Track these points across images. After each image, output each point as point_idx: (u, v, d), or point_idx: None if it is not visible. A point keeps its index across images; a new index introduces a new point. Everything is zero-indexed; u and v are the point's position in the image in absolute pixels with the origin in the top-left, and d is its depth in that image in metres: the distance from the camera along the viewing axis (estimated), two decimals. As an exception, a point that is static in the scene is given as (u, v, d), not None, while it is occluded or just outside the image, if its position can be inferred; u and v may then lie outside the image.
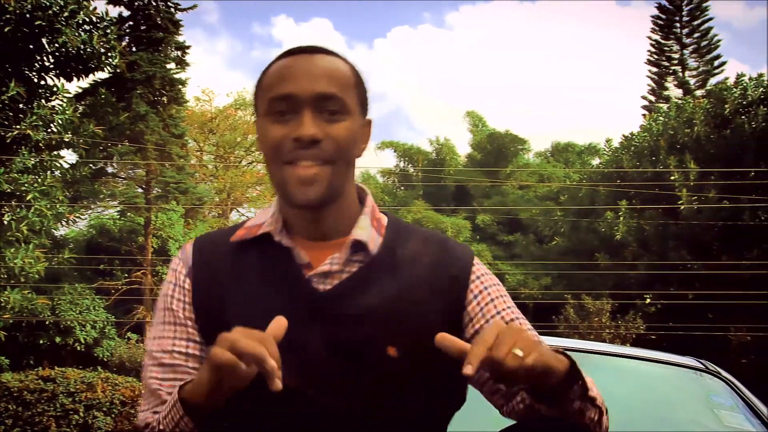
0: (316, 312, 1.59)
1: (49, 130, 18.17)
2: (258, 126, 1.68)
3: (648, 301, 26.52)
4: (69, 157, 25.53)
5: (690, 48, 47.05)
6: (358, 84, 1.67)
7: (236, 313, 1.60)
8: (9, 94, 16.81)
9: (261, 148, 1.67)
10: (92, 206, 33.07)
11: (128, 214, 32.12)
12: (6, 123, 17.49)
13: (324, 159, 1.58)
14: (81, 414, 15.61)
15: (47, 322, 24.94)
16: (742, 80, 27.75)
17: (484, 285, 1.71)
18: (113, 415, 16.08)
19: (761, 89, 26.63)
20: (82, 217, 32.72)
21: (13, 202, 17.60)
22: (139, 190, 30.80)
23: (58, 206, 18.37)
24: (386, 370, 1.57)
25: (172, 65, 29.47)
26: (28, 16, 16.89)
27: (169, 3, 29.22)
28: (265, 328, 1.43)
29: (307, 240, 1.67)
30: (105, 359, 26.00)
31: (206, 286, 1.67)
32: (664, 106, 36.02)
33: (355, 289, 1.61)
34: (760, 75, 27.41)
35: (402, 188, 51.08)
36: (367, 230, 1.67)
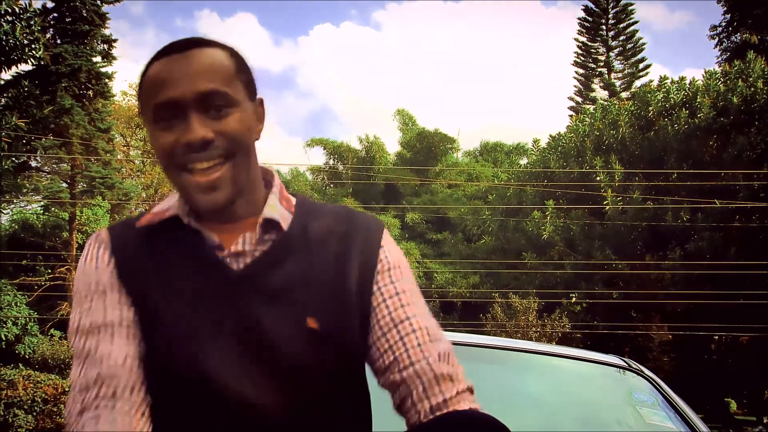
0: (231, 292, 1.55)
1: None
2: (149, 133, 1.60)
3: (573, 299, 26.89)
4: (-9, 150, 25.01)
5: (616, 50, 47.89)
6: (240, 69, 1.60)
7: (157, 299, 1.54)
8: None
9: (156, 155, 1.59)
10: (15, 201, 32.46)
11: (52, 209, 31.60)
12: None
13: (221, 156, 1.53)
14: (1, 412, 15.29)
15: (-34, 319, 24.41)
16: (665, 83, 28.27)
17: (391, 263, 1.68)
18: (35, 414, 15.78)
19: (683, 92, 27.16)
20: (5, 211, 32.15)
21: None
22: (64, 184, 30.32)
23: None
24: (306, 344, 1.54)
25: (98, 58, 29.02)
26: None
27: (95, -5, 28.78)
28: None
29: (216, 222, 1.61)
30: (27, 356, 25.48)
31: (128, 270, 1.59)
32: (591, 108, 36.56)
33: (269, 267, 1.58)
34: (682, 78, 27.94)
35: (331, 186, 51.06)
36: (277, 209, 1.64)
